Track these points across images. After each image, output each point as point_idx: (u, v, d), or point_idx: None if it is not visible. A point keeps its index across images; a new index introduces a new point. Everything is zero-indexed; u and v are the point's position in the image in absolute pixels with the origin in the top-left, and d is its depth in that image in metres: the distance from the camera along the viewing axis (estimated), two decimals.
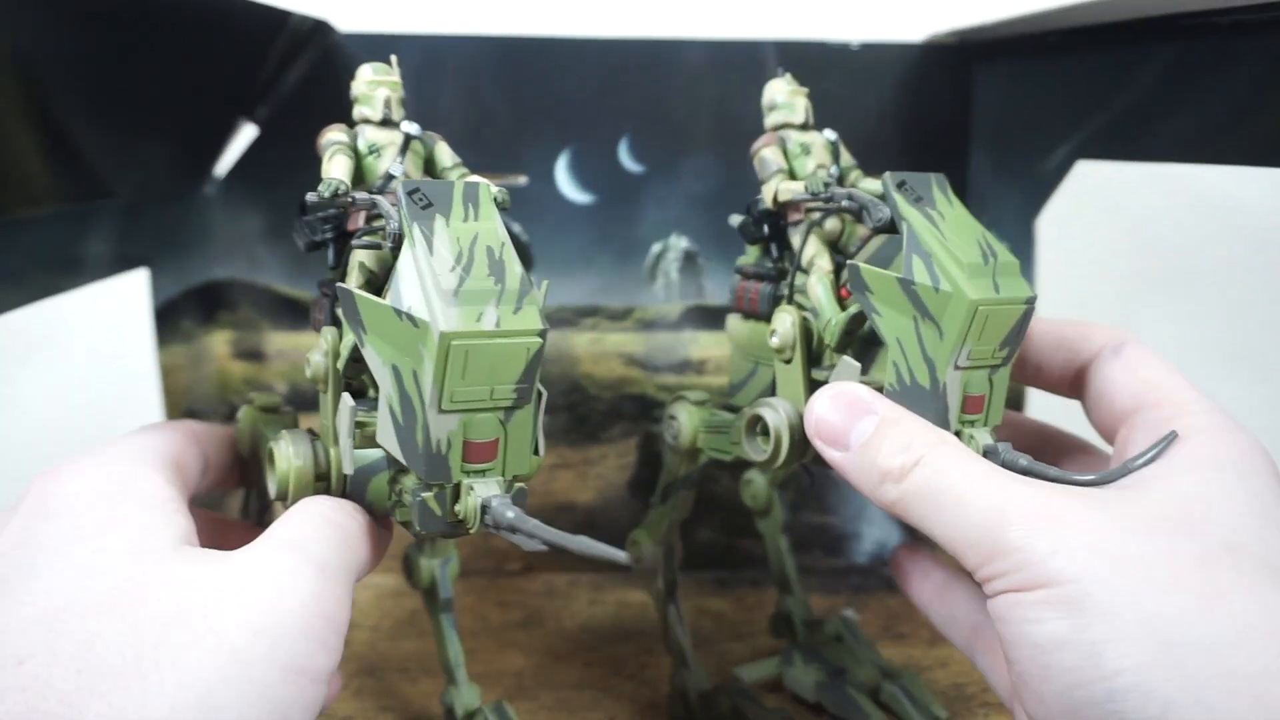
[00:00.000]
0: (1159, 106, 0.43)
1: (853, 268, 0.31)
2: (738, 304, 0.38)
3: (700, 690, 0.40)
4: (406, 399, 0.26)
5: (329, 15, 0.50)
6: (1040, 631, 0.25)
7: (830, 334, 0.33)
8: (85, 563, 0.25)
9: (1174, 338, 0.67)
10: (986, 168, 0.53)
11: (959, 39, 0.53)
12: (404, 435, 0.27)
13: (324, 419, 0.31)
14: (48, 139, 0.37)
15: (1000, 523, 0.26)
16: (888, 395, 0.31)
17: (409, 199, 0.27)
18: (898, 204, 0.31)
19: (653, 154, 0.53)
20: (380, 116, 0.33)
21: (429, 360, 0.25)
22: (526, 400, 0.27)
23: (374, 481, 0.30)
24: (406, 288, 0.26)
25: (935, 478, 0.28)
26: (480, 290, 0.26)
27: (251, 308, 0.54)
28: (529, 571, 0.56)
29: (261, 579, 0.25)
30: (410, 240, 0.27)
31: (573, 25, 0.58)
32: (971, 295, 0.29)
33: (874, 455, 0.29)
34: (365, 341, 0.27)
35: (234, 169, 0.53)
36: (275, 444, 0.31)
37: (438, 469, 0.27)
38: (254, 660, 0.23)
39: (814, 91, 0.37)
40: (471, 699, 0.38)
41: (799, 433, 0.33)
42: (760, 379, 0.37)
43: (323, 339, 0.31)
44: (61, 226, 0.43)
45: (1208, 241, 0.66)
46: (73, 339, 0.64)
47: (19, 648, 0.23)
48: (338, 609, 0.26)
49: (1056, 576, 0.25)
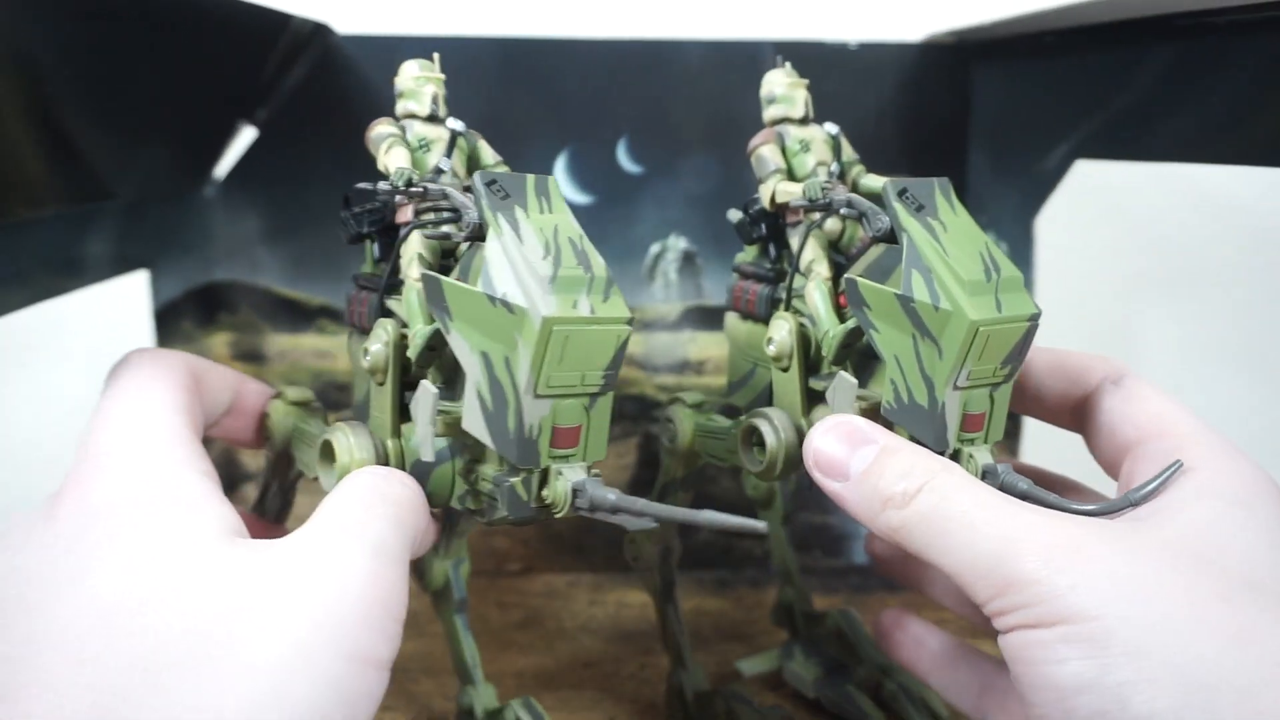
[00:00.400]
0: (1158, 106, 0.43)
1: (850, 282, 0.31)
2: (735, 303, 0.37)
3: (698, 690, 0.40)
4: (497, 385, 0.27)
5: (329, 17, 0.50)
6: (1062, 673, 0.24)
7: (828, 347, 0.32)
8: (139, 559, 0.24)
9: (1174, 338, 0.67)
10: (985, 168, 0.53)
11: (957, 39, 0.53)
12: (494, 421, 0.27)
13: (377, 411, 0.31)
14: (48, 140, 0.37)
15: (1014, 553, 0.25)
16: (884, 413, 0.30)
17: (488, 190, 0.28)
18: (898, 215, 0.30)
19: (651, 154, 0.53)
20: (427, 112, 0.33)
21: (524, 346, 0.26)
22: (611, 387, 0.28)
23: (436, 472, 0.30)
24: (498, 275, 0.26)
25: (941, 504, 0.27)
26: (572, 278, 0.26)
27: (251, 309, 0.54)
28: (529, 572, 0.56)
29: (318, 568, 0.24)
30: (497, 229, 0.27)
31: (571, 26, 0.59)
32: (972, 316, 0.28)
33: (875, 482, 0.28)
34: (451, 328, 0.27)
35: (234, 171, 0.53)
36: (333, 436, 0.31)
37: (529, 454, 0.27)
38: (318, 650, 0.23)
39: (813, 92, 0.37)
40: (490, 698, 0.38)
41: (795, 447, 0.33)
42: (759, 379, 0.37)
43: (381, 330, 0.31)
44: (62, 228, 0.43)
45: (1207, 241, 0.66)
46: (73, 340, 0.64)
47: (80, 648, 0.22)
48: (396, 594, 0.25)
49: (1077, 613, 0.24)
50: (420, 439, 0.29)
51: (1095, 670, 0.23)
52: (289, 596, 0.24)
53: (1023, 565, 0.25)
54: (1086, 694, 0.23)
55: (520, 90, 0.53)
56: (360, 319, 0.33)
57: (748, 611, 0.52)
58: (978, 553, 0.26)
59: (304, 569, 0.24)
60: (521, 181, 0.29)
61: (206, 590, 0.24)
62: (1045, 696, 0.24)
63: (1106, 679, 0.23)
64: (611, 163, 0.53)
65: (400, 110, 0.33)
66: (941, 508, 0.27)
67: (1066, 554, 0.25)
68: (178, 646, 0.22)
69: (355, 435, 0.30)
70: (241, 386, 0.35)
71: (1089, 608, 0.24)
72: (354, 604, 0.24)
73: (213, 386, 0.33)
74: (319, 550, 0.25)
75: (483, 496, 0.29)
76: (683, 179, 0.53)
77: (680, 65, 0.53)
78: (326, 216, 0.33)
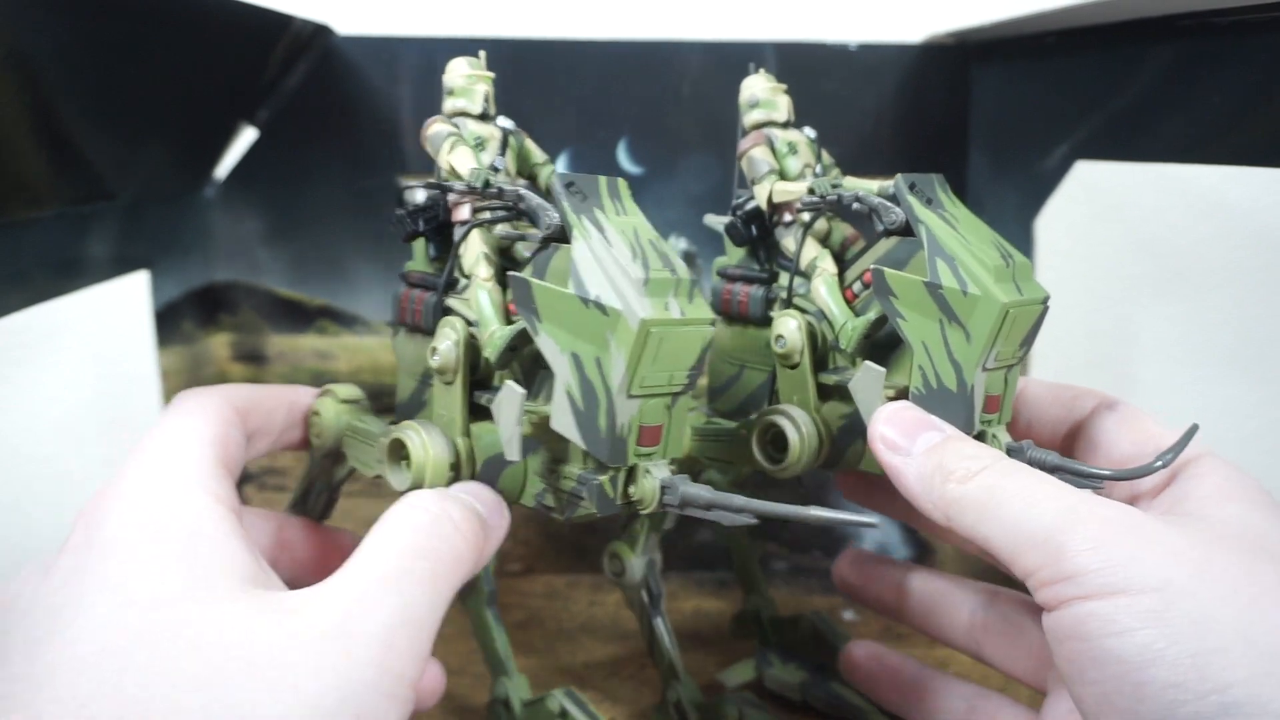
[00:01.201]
0: (1158, 107, 0.43)
1: (877, 272, 0.31)
2: (723, 308, 0.37)
3: (696, 701, 0.39)
4: (588, 385, 0.27)
5: (329, 18, 0.50)
6: (1127, 645, 0.23)
7: (848, 339, 0.33)
8: (146, 602, 0.23)
9: (1174, 338, 0.67)
10: (985, 168, 0.53)
11: (957, 40, 0.53)
12: (584, 420, 0.27)
13: (444, 409, 0.31)
14: (49, 141, 0.37)
15: (1071, 523, 0.25)
16: (912, 399, 0.31)
17: (567, 191, 0.28)
18: (913, 207, 0.31)
19: (651, 155, 0.53)
20: (480, 110, 0.33)
21: (618, 347, 0.26)
22: (692, 386, 0.29)
23: (508, 471, 0.31)
24: (589, 277, 0.27)
25: (1002, 479, 0.27)
26: (662, 280, 0.27)
27: (252, 310, 0.54)
28: (530, 573, 0.56)
29: (334, 634, 0.24)
30: (583, 232, 0.28)
31: (572, 27, 0.59)
32: (1002, 299, 0.29)
33: (939, 459, 0.28)
34: (540, 329, 0.28)
35: (235, 171, 0.53)
36: (405, 435, 0.31)
37: (619, 452, 0.27)
38: (328, 713, 0.23)
39: (813, 92, 0.37)
40: (524, 688, 0.38)
41: (815, 442, 0.33)
42: (747, 382, 0.37)
43: (450, 329, 0.31)
44: (62, 228, 0.43)
45: (1207, 241, 0.66)
46: (73, 341, 0.64)
47: (78, 688, 0.22)
48: (411, 660, 0.25)
49: (1138, 583, 0.23)
50: (507, 439, 0.29)
51: (1164, 641, 0.23)
52: (301, 658, 0.23)
53: (1081, 534, 0.24)
54: (1157, 666, 0.23)
55: (521, 91, 0.53)
56: (415, 317, 0.32)
57: None
58: (1035, 524, 0.25)
59: (317, 632, 0.24)
60: (595, 183, 0.29)
61: (218, 642, 0.23)
62: (1110, 672, 0.23)
63: (1178, 649, 0.22)
64: (612, 163, 0.53)
65: (450, 108, 0.33)
66: (1002, 483, 0.27)
67: (1125, 529, 0.25)
68: (187, 697, 0.22)
69: (430, 434, 0.30)
70: (294, 398, 0.35)
71: (1150, 579, 0.23)
72: (362, 672, 0.23)
73: (265, 410, 0.33)
74: (336, 613, 0.24)
75: (563, 495, 0.29)
76: (682, 180, 0.53)
77: (681, 66, 0.53)
78: (327, 217, 0.33)
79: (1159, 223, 0.66)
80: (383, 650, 0.24)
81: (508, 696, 0.38)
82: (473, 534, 0.28)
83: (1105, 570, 0.24)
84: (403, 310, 0.33)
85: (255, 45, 0.47)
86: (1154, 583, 0.23)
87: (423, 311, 0.32)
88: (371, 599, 0.25)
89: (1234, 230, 0.65)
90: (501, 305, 0.31)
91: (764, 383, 0.37)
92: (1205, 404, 0.67)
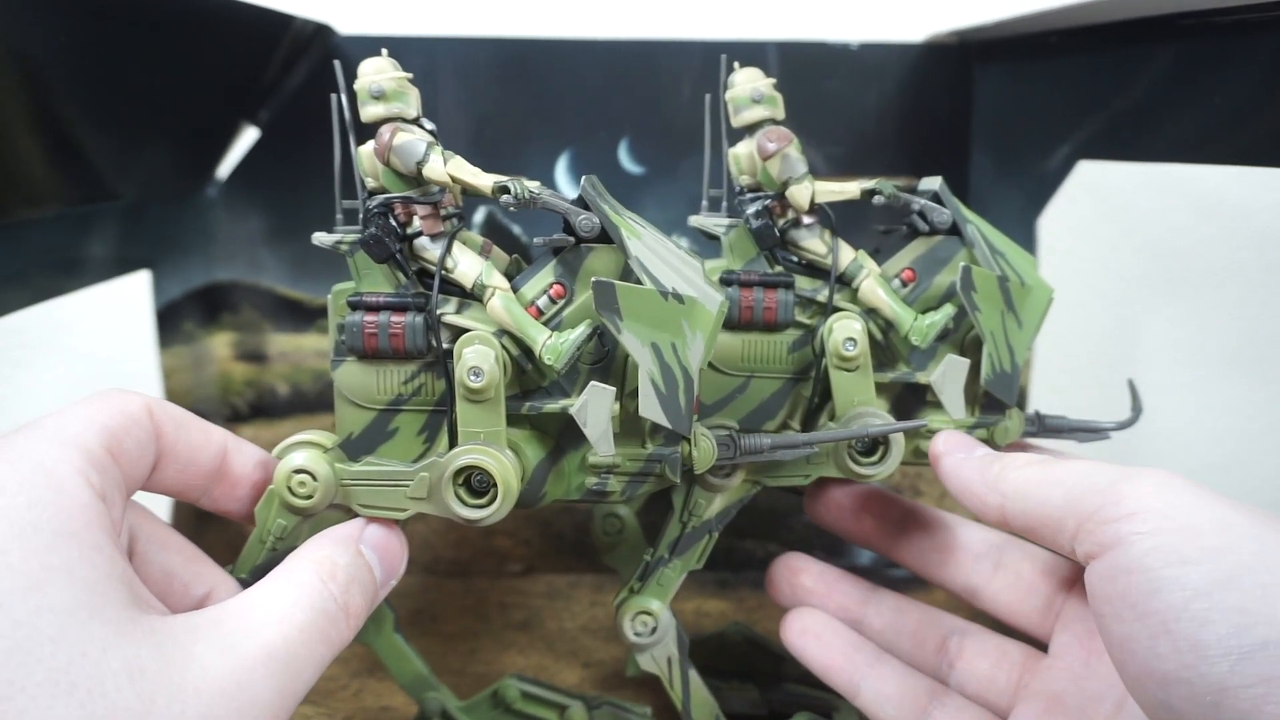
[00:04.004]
0: (1160, 106, 0.43)
1: (965, 270, 0.33)
2: (744, 315, 0.34)
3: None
4: (667, 369, 0.29)
5: (330, 18, 0.51)
6: (1193, 573, 0.23)
7: (922, 335, 0.34)
8: (26, 623, 0.21)
9: (1174, 338, 0.67)
10: (987, 168, 0.53)
11: (959, 39, 0.53)
12: (667, 401, 0.29)
13: (479, 427, 0.30)
14: (51, 141, 0.37)
15: (1134, 475, 0.26)
16: (984, 383, 0.34)
17: (597, 195, 0.30)
18: (959, 208, 0.34)
19: (653, 155, 0.53)
20: (415, 114, 0.31)
21: (694, 330, 0.30)
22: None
23: (553, 473, 0.32)
24: (658, 272, 0.30)
25: (1056, 460, 0.30)
26: (704, 268, 0.32)
27: (253, 309, 0.54)
28: (530, 573, 0.56)
29: (223, 682, 0.23)
30: (631, 232, 0.30)
31: (572, 27, 0.59)
32: (1050, 287, 0.34)
33: (996, 456, 0.32)
34: (622, 329, 0.29)
35: (235, 171, 0.53)
36: (481, 460, 0.30)
37: (689, 425, 0.30)
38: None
39: (814, 91, 0.37)
40: (451, 696, 0.39)
41: (902, 441, 0.35)
42: (753, 394, 0.35)
43: (487, 348, 0.30)
44: (64, 228, 0.43)
45: (1209, 241, 0.66)
46: (74, 340, 0.64)
47: None
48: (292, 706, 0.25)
49: (1202, 522, 0.24)
50: (599, 436, 0.30)
51: (1230, 570, 0.23)
52: (193, 699, 0.23)
53: (1145, 480, 0.26)
54: (1225, 591, 0.23)
55: (522, 91, 0.53)
56: (396, 343, 0.30)
57: (749, 613, 0.52)
58: (1096, 478, 0.27)
59: (207, 676, 0.23)
60: (595, 183, 0.31)
61: (108, 674, 0.22)
62: (1176, 598, 0.23)
63: (1245, 579, 0.23)
64: (613, 163, 0.53)
65: (378, 113, 0.30)
66: (1056, 461, 0.30)
67: (1184, 483, 0.26)
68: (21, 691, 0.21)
69: (501, 452, 0.30)
70: (234, 449, 0.31)
71: (1214, 520, 0.24)
72: (256, 714, 0.24)
73: (189, 440, 0.29)
74: (224, 663, 0.24)
75: (625, 478, 0.32)
76: (684, 179, 0.53)
77: (682, 66, 0.53)
78: (328, 217, 0.33)
79: (1161, 222, 0.66)
80: (272, 704, 0.24)
81: (443, 707, 0.38)
82: (359, 618, 0.28)
83: (1169, 510, 0.25)
84: (365, 338, 0.30)
85: (256, 45, 0.47)
86: (1218, 524, 0.24)
87: (405, 334, 0.30)
88: (266, 653, 0.25)
89: (1236, 230, 0.65)
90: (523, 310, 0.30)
91: (778, 391, 0.35)
92: (1206, 404, 0.67)
